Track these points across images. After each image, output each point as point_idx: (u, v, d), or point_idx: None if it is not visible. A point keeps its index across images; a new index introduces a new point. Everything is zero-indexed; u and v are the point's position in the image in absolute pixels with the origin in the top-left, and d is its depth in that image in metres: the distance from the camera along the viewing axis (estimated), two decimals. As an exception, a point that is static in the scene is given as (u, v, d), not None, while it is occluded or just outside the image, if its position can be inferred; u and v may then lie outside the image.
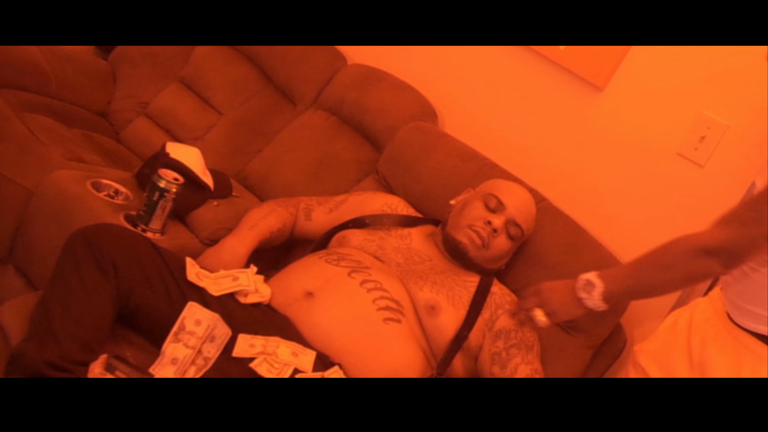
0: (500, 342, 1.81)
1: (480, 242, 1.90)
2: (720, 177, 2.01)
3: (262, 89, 2.75)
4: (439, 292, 1.83)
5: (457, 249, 1.92)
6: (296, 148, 2.50)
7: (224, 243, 1.94)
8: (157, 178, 1.90)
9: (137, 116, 2.86)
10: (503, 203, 1.93)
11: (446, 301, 1.82)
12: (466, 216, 1.93)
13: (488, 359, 1.81)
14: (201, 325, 1.60)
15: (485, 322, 1.84)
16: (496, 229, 1.90)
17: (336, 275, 1.78)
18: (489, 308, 1.85)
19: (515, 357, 1.79)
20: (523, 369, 1.78)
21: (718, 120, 2.03)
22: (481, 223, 1.90)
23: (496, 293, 1.89)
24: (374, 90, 2.50)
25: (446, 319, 1.81)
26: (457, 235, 1.92)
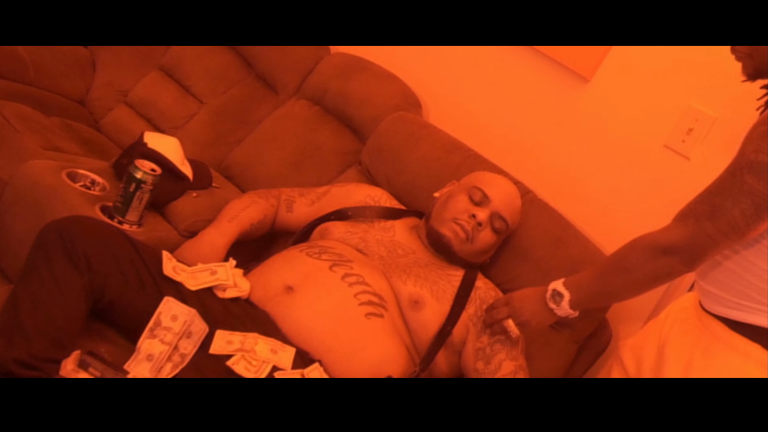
0: (485, 337, 1.78)
1: (464, 236, 1.87)
2: (707, 170, 1.95)
3: (244, 78, 2.71)
4: (422, 285, 1.80)
5: (440, 243, 1.88)
6: (278, 138, 2.46)
7: (203, 235, 1.90)
8: (134, 168, 1.85)
9: (117, 104, 2.82)
10: (488, 196, 1.90)
11: (430, 295, 1.79)
12: (450, 209, 1.90)
13: (472, 354, 1.79)
14: (177, 321, 1.56)
15: (470, 317, 1.81)
16: (480, 222, 1.87)
17: (317, 269, 1.75)
18: (474, 303, 1.83)
19: (500, 352, 1.76)
20: (507, 365, 1.75)
21: (706, 112, 2.00)
22: (465, 216, 1.87)
23: (480, 288, 1.87)
24: (357, 79, 2.46)
25: (430, 313, 1.78)
26: (441, 229, 1.88)
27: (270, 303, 1.70)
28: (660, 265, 1.41)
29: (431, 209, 1.96)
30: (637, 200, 2.08)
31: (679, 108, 2.04)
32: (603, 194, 2.14)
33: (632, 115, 2.12)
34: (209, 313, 1.59)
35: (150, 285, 1.59)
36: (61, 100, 2.75)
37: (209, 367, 1.51)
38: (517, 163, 2.24)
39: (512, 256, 1.98)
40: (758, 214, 1.31)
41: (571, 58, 2.22)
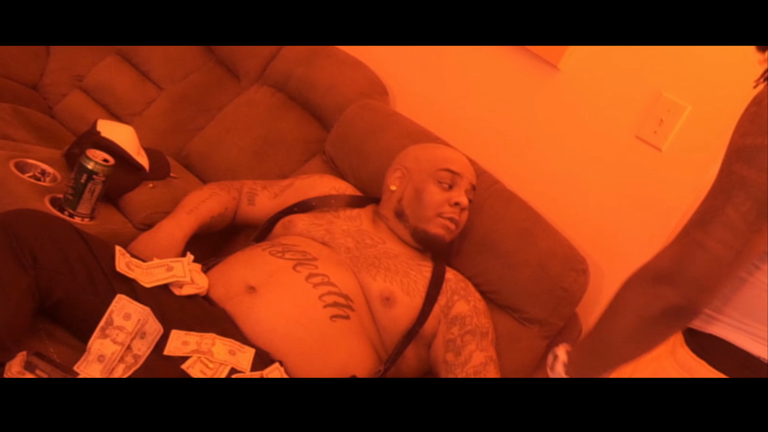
0: (455, 328, 1.75)
1: (455, 226, 1.85)
2: (679, 161, 1.95)
3: (204, 63, 2.62)
4: (392, 280, 1.75)
5: (432, 242, 1.84)
6: (240, 126, 2.38)
7: (160, 227, 1.82)
8: (85, 159, 1.77)
9: (72, 90, 2.72)
10: (457, 173, 1.87)
11: (400, 290, 1.74)
12: (429, 205, 1.84)
13: (442, 346, 1.75)
14: (130, 320, 1.49)
15: (441, 308, 1.77)
16: (464, 207, 1.86)
17: (280, 269, 1.68)
18: (445, 294, 1.79)
19: (470, 344, 1.73)
20: (477, 356, 1.72)
21: (678, 102, 1.96)
22: (448, 207, 1.84)
23: (450, 279, 1.82)
24: (322, 65, 2.38)
25: (401, 309, 1.73)
26: (430, 229, 1.83)
27: (230, 302, 1.63)
28: (650, 298, 1.11)
29: (396, 206, 1.89)
30: (609, 192, 2.04)
31: (650, 98, 2.00)
32: (573, 186, 2.09)
33: (603, 104, 2.07)
34: (164, 311, 1.52)
35: (102, 282, 1.52)
36: (12, 84, 2.65)
37: (164, 370, 1.44)
38: (485, 152, 2.19)
39: (480, 250, 1.93)
40: (758, 209, 1.06)
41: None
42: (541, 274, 1.86)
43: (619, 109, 2.05)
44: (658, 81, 1.99)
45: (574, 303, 1.88)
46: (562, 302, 1.85)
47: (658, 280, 1.10)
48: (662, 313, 1.11)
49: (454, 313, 1.77)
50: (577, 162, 2.10)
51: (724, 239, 1.06)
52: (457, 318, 1.76)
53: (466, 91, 2.32)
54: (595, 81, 2.09)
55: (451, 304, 1.78)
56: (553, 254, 1.87)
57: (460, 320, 1.76)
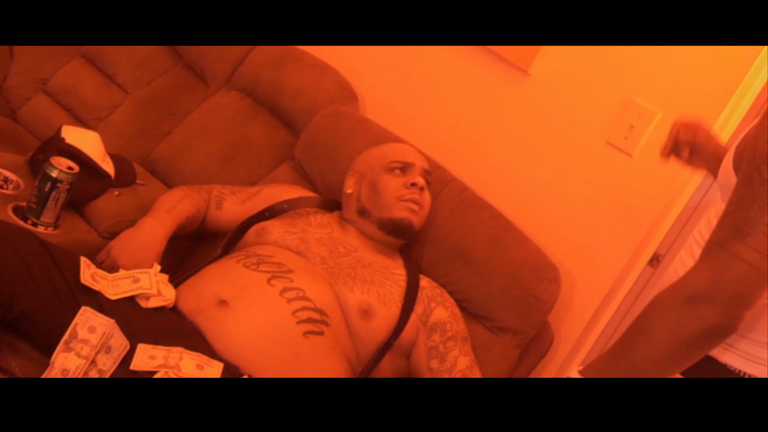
0: (436, 335, 1.74)
1: (418, 207, 1.86)
2: (650, 168, 1.95)
3: (172, 67, 2.58)
4: (369, 291, 1.73)
5: (401, 227, 1.85)
6: (207, 131, 2.34)
7: (142, 225, 1.78)
8: (49, 167, 1.73)
9: (36, 93, 2.67)
10: (408, 161, 1.91)
11: (378, 301, 1.72)
12: (387, 193, 1.86)
13: (424, 354, 1.74)
14: (95, 333, 1.45)
15: (419, 317, 1.76)
16: (422, 186, 1.87)
17: (253, 282, 1.65)
18: (422, 303, 1.78)
19: (453, 349, 1.74)
20: (462, 360, 1.73)
21: (648, 107, 1.96)
22: (405, 190, 1.86)
23: (426, 287, 1.82)
24: (291, 70, 2.36)
25: (379, 321, 1.71)
26: (394, 214, 1.85)
27: (201, 316, 1.60)
28: (687, 319, 1.06)
29: (356, 206, 1.90)
30: (580, 198, 2.04)
31: (620, 104, 2.00)
32: (545, 192, 2.09)
33: (573, 110, 2.07)
34: (130, 324, 1.48)
35: (66, 294, 1.48)
36: (-26, 88, 2.59)
37: (130, 385, 1.40)
38: (456, 158, 2.18)
39: (451, 257, 1.92)
40: None
41: (508, 48, 2.16)
42: (512, 282, 1.85)
43: (589, 115, 2.04)
44: (628, 87, 2.00)
45: (545, 311, 1.88)
46: (534, 311, 1.85)
47: (695, 299, 1.06)
48: (701, 333, 1.07)
49: (434, 320, 1.76)
50: (548, 168, 2.09)
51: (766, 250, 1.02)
52: (437, 325, 1.76)
53: (437, 96, 2.30)
54: (566, 86, 2.09)
55: (429, 312, 1.77)
56: (524, 262, 1.87)
57: (441, 327, 1.76)
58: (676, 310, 1.07)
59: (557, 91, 2.10)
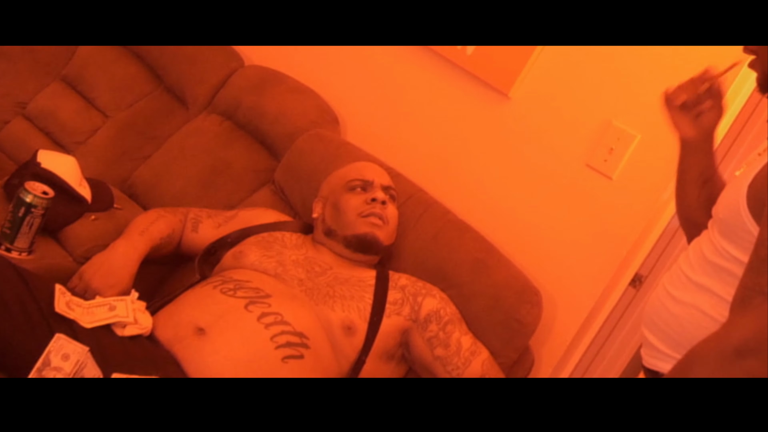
0: (432, 325, 1.76)
1: (381, 221, 1.86)
2: (630, 190, 1.95)
3: (152, 90, 2.57)
4: (350, 308, 1.73)
5: (365, 242, 1.85)
6: (187, 155, 2.32)
7: (114, 248, 1.77)
8: (24, 192, 1.71)
9: (14, 117, 2.64)
10: (367, 179, 1.92)
11: (358, 317, 1.72)
12: (347, 210, 1.87)
13: (426, 347, 1.76)
14: (69, 360, 1.41)
15: (406, 317, 1.77)
16: (383, 200, 1.87)
17: (231, 309, 1.63)
18: (407, 303, 1.78)
19: (453, 332, 1.76)
20: (465, 339, 1.77)
21: (627, 130, 1.96)
22: (365, 205, 1.86)
23: (407, 285, 1.82)
24: (272, 93, 2.35)
25: (362, 335, 1.72)
26: (357, 230, 1.85)
27: (178, 345, 1.58)
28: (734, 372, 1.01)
29: (323, 228, 1.91)
30: (560, 221, 2.03)
31: (600, 126, 2.00)
32: (526, 215, 2.08)
33: (553, 133, 2.07)
34: (105, 353, 1.45)
35: (39, 322, 1.46)
36: (-50, 112, 2.56)
37: (103, 414, 1.38)
38: (437, 181, 2.17)
39: (434, 280, 1.90)
40: None
41: (488, 72, 2.16)
42: (494, 305, 1.84)
43: (569, 138, 2.04)
44: (607, 110, 2.00)
45: (527, 335, 1.86)
46: (516, 334, 1.83)
47: (742, 352, 1.01)
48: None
49: (426, 312, 1.77)
50: (529, 191, 2.08)
51: None
52: (430, 315, 1.77)
53: (419, 119, 2.30)
54: (546, 109, 2.09)
55: (418, 307, 1.78)
56: (506, 285, 1.85)
57: (435, 315, 1.77)
58: (722, 363, 1.02)
59: (537, 113, 2.10)
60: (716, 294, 1.21)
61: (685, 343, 1.14)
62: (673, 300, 1.26)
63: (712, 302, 1.21)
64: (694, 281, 1.25)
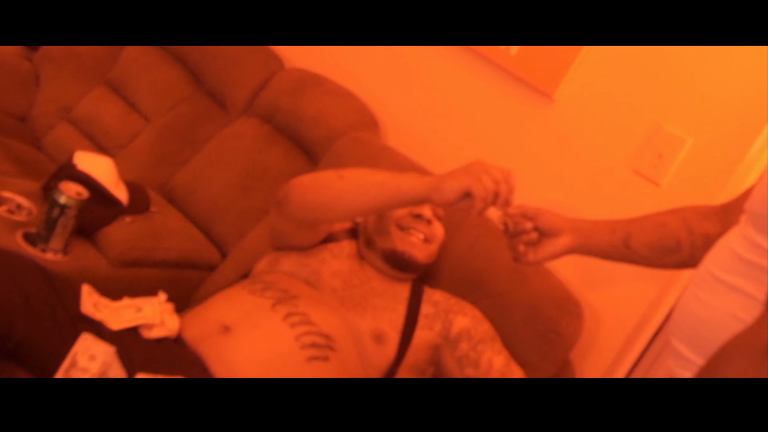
0: (463, 344, 1.70)
1: (419, 239, 1.77)
2: (680, 197, 1.86)
3: (192, 94, 2.57)
4: (381, 318, 1.69)
5: (402, 260, 1.76)
6: (225, 159, 2.31)
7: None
8: (57, 193, 1.71)
9: (60, 122, 2.68)
10: None
11: (390, 327, 1.68)
12: (388, 219, 1.78)
13: (455, 366, 1.70)
14: (96, 361, 1.41)
15: (438, 334, 1.71)
16: (429, 219, 1.78)
17: (257, 308, 1.60)
18: (439, 318, 1.73)
19: (485, 352, 1.69)
20: (497, 360, 1.69)
21: (678, 134, 1.88)
22: (408, 218, 1.77)
23: (440, 301, 1.77)
24: (311, 96, 2.32)
25: (393, 346, 1.68)
26: (395, 246, 1.76)
27: (203, 343, 1.55)
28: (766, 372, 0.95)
29: (365, 237, 1.82)
30: (605, 229, 1.95)
31: (648, 130, 1.92)
32: (568, 222, 2.01)
33: (599, 137, 2.00)
34: (131, 353, 1.43)
35: (66, 324, 1.45)
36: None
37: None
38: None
39: (470, 289, 1.84)
40: None
41: (533, 73, 2.10)
42: (532, 316, 1.77)
43: (616, 142, 1.97)
44: (657, 113, 1.92)
45: (567, 348, 1.79)
46: (555, 347, 1.76)
47: None
48: None
49: (456, 330, 1.72)
50: (573, 197, 2.01)
51: None
52: (461, 334, 1.71)
53: (460, 123, 2.25)
54: (592, 112, 2.02)
55: (449, 325, 1.72)
56: (545, 296, 1.79)
57: (466, 334, 1.71)
58: (754, 362, 0.95)
59: (583, 116, 2.03)
60: (749, 294, 1.12)
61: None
62: (700, 303, 1.17)
63: (744, 304, 1.12)
64: (724, 281, 1.16)
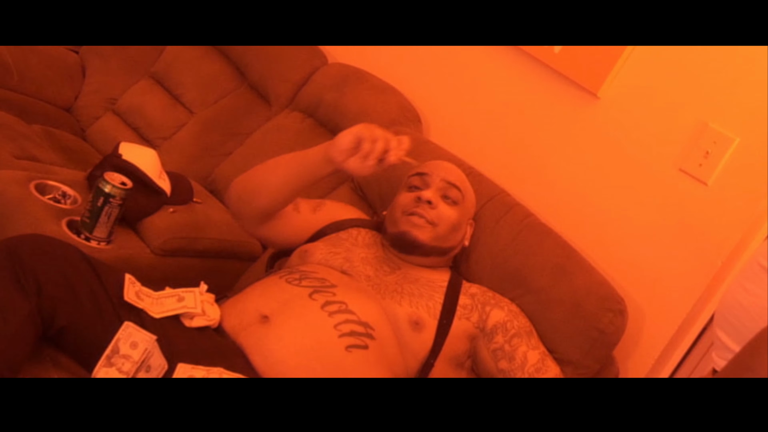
0: (498, 337, 1.69)
1: (423, 221, 1.75)
2: (726, 197, 1.83)
3: (235, 87, 2.59)
4: (418, 304, 1.68)
5: (405, 241, 1.76)
6: (268, 152, 2.31)
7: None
8: (102, 182, 1.73)
9: (105, 113, 2.72)
10: (426, 172, 1.81)
11: (427, 314, 1.68)
12: (396, 207, 1.80)
13: (490, 358, 1.69)
14: (137, 349, 1.43)
15: (474, 325, 1.71)
16: (429, 200, 1.76)
17: (295, 297, 1.60)
18: (476, 310, 1.72)
19: (520, 346, 1.68)
20: (532, 354, 1.68)
21: (725, 133, 1.84)
22: (412, 203, 1.77)
23: (476, 293, 1.76)
24: (354, 91, 2.32)
25: (430, 333, 1.66)
26: (398, 228, 1.77)
27: (243, 333, 1.55)
28: None
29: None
30: (649, 227, 1.93)
31: (695, 129, 1.89)
32: (612, 220, 1.98)
33: (644, 135, 1.97)
34: (171, 343, 1.45)
35: (108, 311, 1.46)
36: (46, 107, 2.65)
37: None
38: (520, 183, 2.10)
39: (512, 285, 1.83)
40: None
41: (578, 71, 2.07)
42: (575, 313, 1.75)
43: (661, 141, 1.94)
44: (704, 111, 1.88)
45: (610, 345, 1.76)
46: (597, 344, 1.74)
47: None
48: None
49: (492, 323, 1.71)
50: (617, 195, 1.99)
51: None
52: (497, 327, 1.71)
53: (503, 119, 2.23)
54: (637, 110, 1.99)
55: (486, 317, 1.72)
56: (588, 292, 1.76)
57: (501, 327, 1.70)
58: None
59: (628, 114, 2.00)
60: None
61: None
62: (746, 292, 1.16)
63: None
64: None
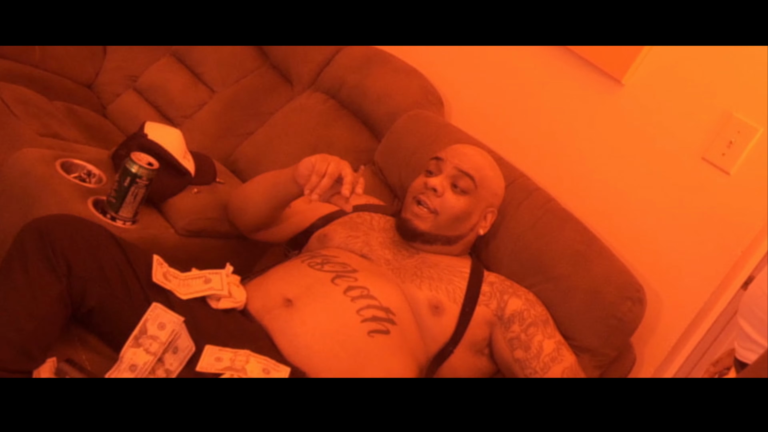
0: (515, 326, 1.70)
1: (425, 211, 1.75)
2: (749, 186, 1.83)
3: (258, 67, 2.59)
4: (437, 288, 1.70)
5: (406, 229, 1.77)
6: (290, 132, 2.33)
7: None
8: (129, 162, 1.74)
9: (126, 90, 2.72)
10: (441, 158, 1.80)
11: (447, 298, 1.69)
12: (410, 192, 1.81)
13: (506, 347, 1.70)
14: (165, 330, 1.45)
15: (493, 312, 1.72)
16: (435, 188, 1.75)
17: (318, 281, 1.62)
18: (494, 297, 1.73)
19: (536, 335, 1.69)
20: (548, 344, 1.69)
21: (749, 123, 1.84)
22: (420, 188, 1.78)
23: (495, 282, 1.77)
24: (377, 73, 2.32)
25: (450, 317, 1.68)
26: (404, 214, 1.79)
27: (267, 316, 1.57)
28: None
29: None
30: (670, 215, 1.93)
31: (719, 118, 1.89)
32: (633, 208, 1.99)
33: (668, 123, 1.96)
34: (199, 325, 1.47)
35: (137, 292, 1.49)
36: (68, 83, 2.65)
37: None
38: (541, 169, 2.10)
39: (530, 271, 1.84)
40: None
41: (601, 57, 2.07)
42: (594, 300, 1.76)
43: (685, 129, 1.94)
44: (728, 100, 1.88)
45: (628, 333, 1.78)
46: (616, 332, 1.75)
47: None
48: None
49: (510, 311, 1.72)
50: (639, 183, 1.99)
51: None
52: (514, 316, 1.71)
53: (525, 104, 2.23)
54: (661, 98, 1.99)
55: (504, 305, 1.73)
56: (607, 280, 1.77)
57: (518, 316, 1.71)
58: None
59: (652, 102, 2.00)
60: None
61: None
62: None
63: None
64: None
